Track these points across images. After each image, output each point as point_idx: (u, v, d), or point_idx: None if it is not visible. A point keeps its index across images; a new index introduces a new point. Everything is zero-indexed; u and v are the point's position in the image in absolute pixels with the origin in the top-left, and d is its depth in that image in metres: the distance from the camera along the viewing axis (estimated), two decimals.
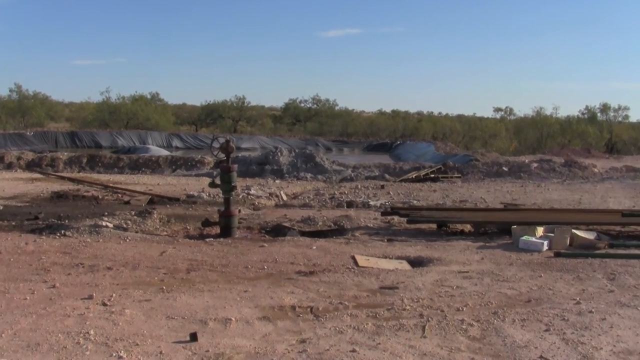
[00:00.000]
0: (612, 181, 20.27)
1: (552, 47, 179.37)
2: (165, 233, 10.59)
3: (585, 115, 52.53)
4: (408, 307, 6.44)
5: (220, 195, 11.28)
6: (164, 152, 31.66)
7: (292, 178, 21.23)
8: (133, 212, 11.63)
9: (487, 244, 9.88)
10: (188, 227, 11.20)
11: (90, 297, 6.59)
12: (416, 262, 8.70)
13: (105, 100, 55.07)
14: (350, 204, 14.03)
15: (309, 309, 6.32)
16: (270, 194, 15.55)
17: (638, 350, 5.42)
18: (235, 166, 10.72)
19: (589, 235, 10.13)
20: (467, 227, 11.20)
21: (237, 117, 63.52)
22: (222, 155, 10.67)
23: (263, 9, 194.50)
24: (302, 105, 67.28)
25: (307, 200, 14.63)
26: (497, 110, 59.09)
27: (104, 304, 6.38)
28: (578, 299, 6.91)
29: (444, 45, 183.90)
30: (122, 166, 24.02)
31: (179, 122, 61.70)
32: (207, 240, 9.95)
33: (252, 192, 15.59)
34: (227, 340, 5.40)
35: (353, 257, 8.70)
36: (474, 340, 5.56)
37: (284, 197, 15.48)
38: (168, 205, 13.52)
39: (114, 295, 6.71)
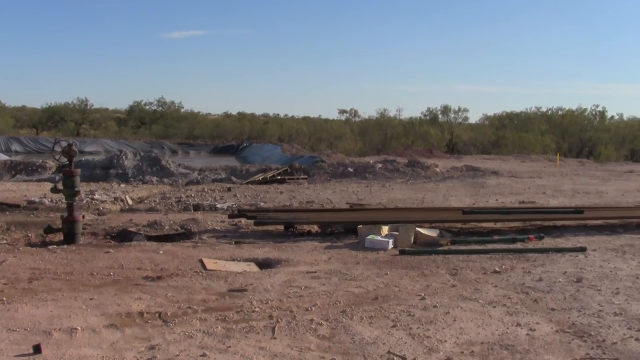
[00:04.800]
0: (453, 180, 21.02)
1: (395, 50, 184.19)
2: (5, 241, 10.10)
3: (427, 117, 54.23)
4: (257, 309, 6.43)
5: (63, 200, 10.87)
6: (3, 157, 30.38)
7: (138, 182, 20.78)
8: None
9: (334, 244, 10.01)
10: (29, 235, 10.74)
11: None
12: (264, 264, 8.70)
13: None
14: (197, 207, 13.89)
15: (157, 315, 6.20)
16: (116, 199, 15.15)
17: (480, 341, 5.64)
18: (79, 170, 10.39)
19: (432, 233, 10.45)
20: (314, 228, 11.32)
21: (80, 120, 61.79)
22: (64, 160, 10.29)
23: (106, 9, 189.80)
24: (148, 107, 66.27)
25: (153, 204, 14.36)
26: (342, 112, 59.99)
27: None
28: (423, 294, 7.12)
29: (288, 47, 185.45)
30: None
31: (19, 126, 59.44)
32: (50, 247, 9.57)
33: (97, 196, 15.16)
34: (73, 350, 5.21)
35: (201, 261, 8.61)
36: (323, 339, 5.61)
37: (130, 202, 15.13)
38: (7, 212, 12.91)
39: None
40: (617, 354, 5.44)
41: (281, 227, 11.23)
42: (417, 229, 10.21)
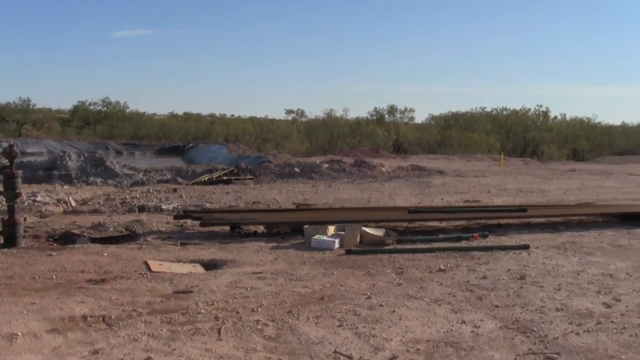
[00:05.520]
0: (399, 180, 21.15)
1: (342, 50, 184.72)
2: None
3: (374, 117, 54.53)
4: (203, 311, 6.39)
5: (4, 203, 10.68)
6: None
7: (82, 183, 20.51)
8: None
9: (280, 244, 10.00)
10: None
11: None
12: (210, 265, 8.65)
13: None
14: (142, 209, 13.76)
15: (101, 318, 6.11)
16: (59, 200, 14.94)
17: (425, 339, 5.68)
18: (20, 172, 10.19)
19: (378, 232, 10.50)
20: (261, 228, 11.29)
21: (21, 121, 60.66)
22: (5, 161, 10.11)
23: (51, 7, 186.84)
24: (92, 107, 65.44)
25: (97, 206, 14.18)
26: (289, 112, 60.06)
27: None
28: (369, 293, 7.14)
29: (235, 47, 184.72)
30: None
31: None
32: None
33: (39, 198, 14.92)
34: (13, 357, 5.10)
35: (146, 263, 8.52)
36: (269, 339, 5.59)
37: (73, 203, 14.93)
38: None
39: None
40: (558, 348, 5.53)
41: (227, 228, 11.18)
42: (363, 228, 10.24)
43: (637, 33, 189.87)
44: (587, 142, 49.59)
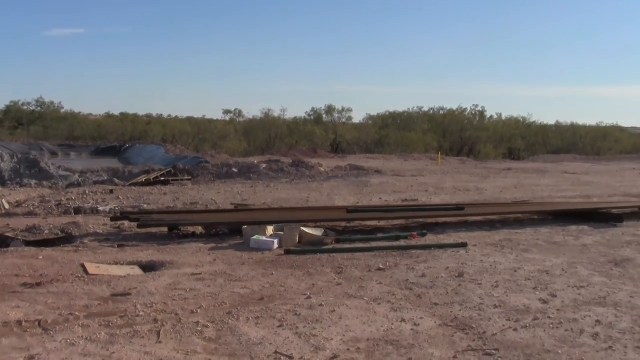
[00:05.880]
0: (338, 179, 21.21)
1: (280, 49, 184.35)
2: None
3: (312, 117, 54.55)
4: (142, 313, 6.31)
5: None
6: None
7: (15, 185, 20.07)
8: None
9: (219, 245, 9.95)
10: None
11: None
12: (148, 267, 8.56)
13: None
14: (78, 211, 13.54)
15: (36, 323, 5.98)
16: None
17: (365, 338, 5.71)
18: None
19: (317, 232, 10.51)
20: (199, 229, 11.21)
21: None
22: None
23: None
24: (25, 108, 64.06)
25: (32, 208, 13.91)
26: (227, 112, 59.65)
27: None
28: (309, 293, 7.15)
29: (170, 46, 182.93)
30: None
31: None
32: None
33: None
34: None
35: (83, 265, 8.38)
36: (209, 341, 5.55)
37: (6, 206, 14.61)
38: None
39: None
40: (497, 344, 5.61)
41: (165, 229, 11.07)
42: (302, 228, 10.25)
43: (566, 34, 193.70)
44: (522, 141, 50.37)
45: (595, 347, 5.61)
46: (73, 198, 15.77)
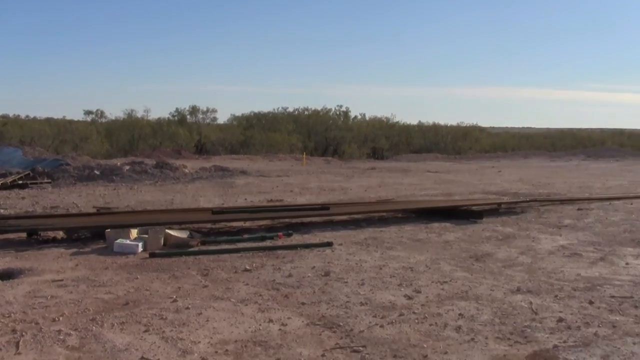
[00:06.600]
0: (202, 181, 21.04)
1: (141, 48, 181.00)
2: None
3: (176, 117, 53.83)
4: None
5: None
6: None
7: None
8: None
9: (81, 250, 9.66)
10: None
11: None
12: (5, 275, 8.20)
13: None
14: None
15: None
16: None
17: (233, 339, 5.68)
18: None
19: (183, 234, 10.38)
20: (60, 234, 10.85)
21: None
22: None
23: None
24: None
25: None
26: (88, 112, 58.09)
27: None
28: (175, 297, 7.05)
29: (27, 44, 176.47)
30: None
31: None
32: None
33: None
34: None
35: None
36: (72, 349, 5.38)
37: None
38: None
39: None
40: (364, 341, 5.69)
41: (24, 235, 10.66)
42: (167, 230, 10.11)
43: (427, 36, 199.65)
44: (386, 141, 51.25)
45: (458, 340, 5.78)
46: None
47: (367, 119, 57.13)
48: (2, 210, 13.83)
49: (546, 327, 6.19)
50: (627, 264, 9.22)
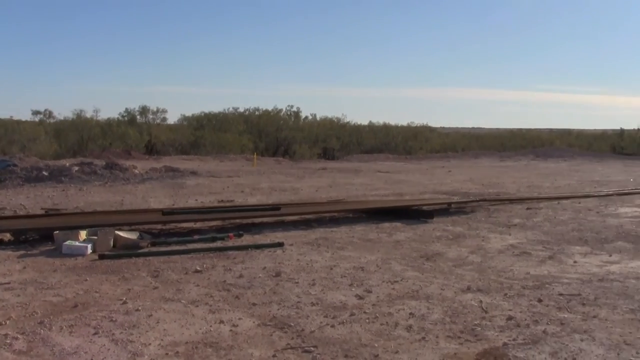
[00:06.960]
0: (153, 181, 20.87)
1: (92, 47, 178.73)
2: None
3: (126, 118, 53.32)
4: None
5: None
6: None
7: None
8: None
9: (29, 252, 9.53)
10: None
11: None
12: None
13: None
14: None
15: None
16: None
17: (184, 341, 5.66)
18: None
19: (132, 235, 10.30)
20: (7, 236, 10.68)
21: None
22: None
23: None
24: None
25: None
26: (36, 113, 57.25)
27: None
28: (125, 298, 7.00)
29: None
30: None
31: None
32: None
33: None
34: None
35: None
36: (20, 354, 5.31)
37: None
38: None
39: None
40: (315, 341, 5.71)
41: None
42: (117, 232, 10.02)
43: (376, 36, 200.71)
44: (337, 141, 51.30)
45: (409, 339, 5.84)
46: None
47: (318, 119, 57.14)
48: None
49: (496, 326, 6.28)
50: (575, 262, 9.40)
